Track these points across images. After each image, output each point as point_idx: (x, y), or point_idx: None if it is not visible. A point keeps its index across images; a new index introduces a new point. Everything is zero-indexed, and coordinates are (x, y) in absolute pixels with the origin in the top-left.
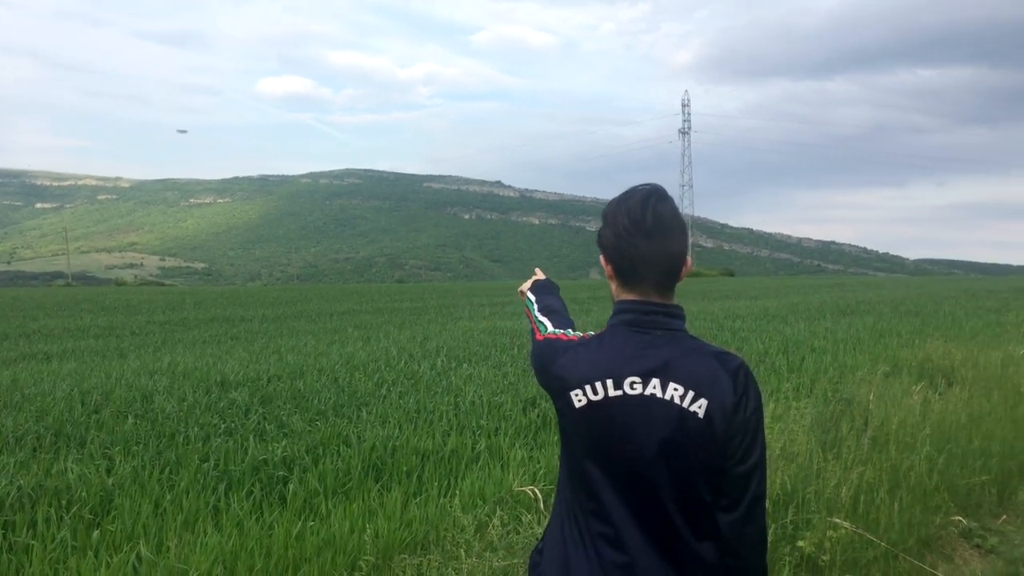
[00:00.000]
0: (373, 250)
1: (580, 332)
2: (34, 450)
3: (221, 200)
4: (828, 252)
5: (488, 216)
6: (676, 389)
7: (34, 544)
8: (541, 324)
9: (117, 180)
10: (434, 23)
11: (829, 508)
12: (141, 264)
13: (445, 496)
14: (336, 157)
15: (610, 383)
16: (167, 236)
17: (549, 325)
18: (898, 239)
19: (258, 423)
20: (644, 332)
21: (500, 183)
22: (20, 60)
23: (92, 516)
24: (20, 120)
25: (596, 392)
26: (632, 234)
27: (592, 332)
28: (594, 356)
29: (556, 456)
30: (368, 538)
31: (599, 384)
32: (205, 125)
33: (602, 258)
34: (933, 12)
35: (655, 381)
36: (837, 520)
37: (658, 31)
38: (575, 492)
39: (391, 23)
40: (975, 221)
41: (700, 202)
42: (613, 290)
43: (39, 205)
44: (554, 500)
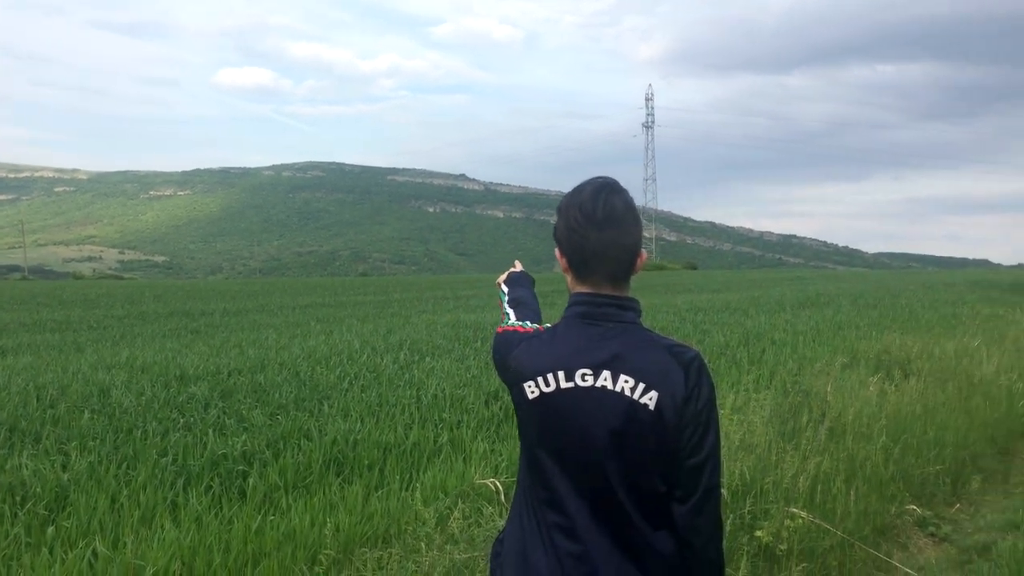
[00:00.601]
0: (337, 243)
1: (544, 324)
2: None
3: (182, 192)
4: (789, 246)
5: (453, 209)
6: (627, 381)
7: None
8: (506, 316)
9: (75, 172)
10: (396, 15)
11: (787, 498)
12: (100, 257)
13: (407, 489)
14: (299, 149)
15: (562, 375)
16: (126, 229)
17: (512, 317)
18: (858, 233)
19: (218, 417)
20: (596, 324)
21: (465, 176)
22: None
23: (47, 512)
24: None
25: (548, 384)
26: (583, 226)
27: (549, 325)
28: (547, 348)
29: (518, 448)
30: (328, 532)
31: (551, 376)
32: (164, 116)
33: (557, 251)
34: (891, 8)
35: (606, 373)
36: (794, 510)
37: (621, 24)
38: (532, 482)
39: (352, 15)
40: (932, 215)
41: (664, 196)
42: (569, 283)
43: None
44: (515, 490)
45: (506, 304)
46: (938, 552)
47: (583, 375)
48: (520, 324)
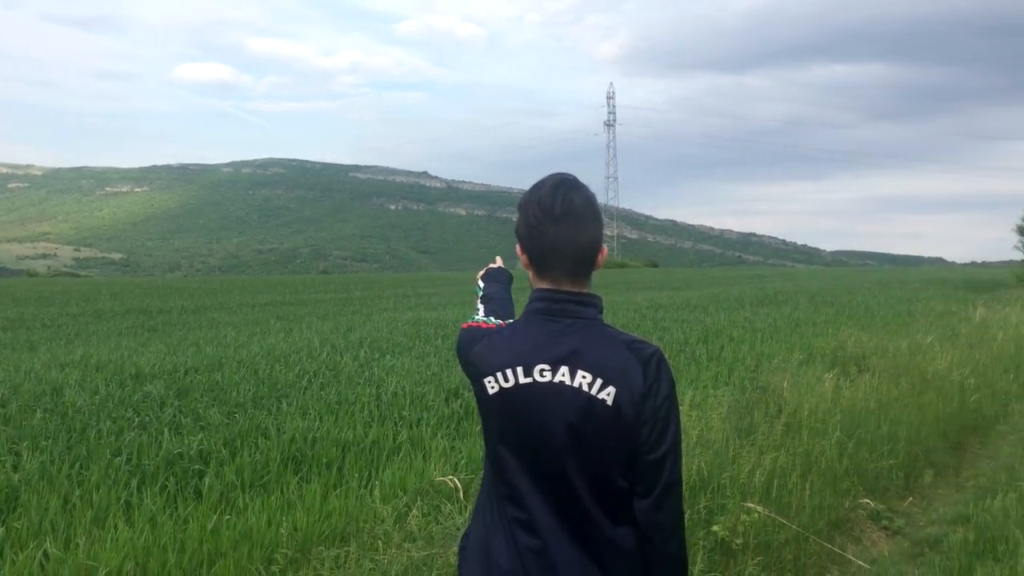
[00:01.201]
0: (297, 241)
1: (509, 321)
2: None
3: (139, 189)
4: (749, 244)
5: (415, 207)
6: (584, 377)
7: None
8: (475, 311)
9: (28, 168)
10: (358, 11)
11: (743, 493)
12: (55, 255)
13: (365, 487)
14: (259, 146)
15: (520, 371)
16: (82, 226)
17: (480, 313)
18: (816, 231)
19: (174, 416)
20: (555, 320)
21: (427, 174)
22: None
23: None
24: None
25: (507, 379)
26: (542, 223)
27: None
28: (507, 344)
29: (478, 446)
30: (285, 531)
31: (509, 372)
32: (121, 112)
33: (518, 247)
34: (846, 9)
35: (564, 369)
36: (751, 504)
37: (584, 23)
38: (494, 477)
39: (313, 10)
40: (888, 214)
41: (625, 194)
42: (530, 279)
43: None
44: (481, 485)
45: (479, 299)
46: (891, 545)
47: (541, 371)
48: (484, 320)
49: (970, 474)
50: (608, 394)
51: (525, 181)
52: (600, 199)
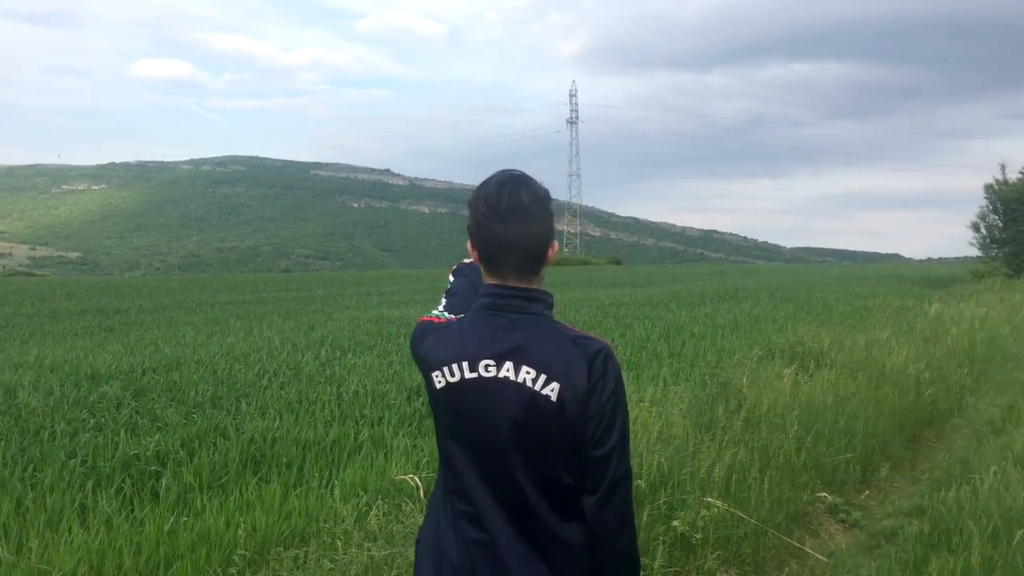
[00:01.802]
0: (258, 239)
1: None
2: None
3: (96, 187)
4: (710, 241)
5: (377, 205)
6: (528, 372)
7: None
8: (438, 305)
9: None
10: (318, 8)
11: (703, 488)
12: (9, 254)
13: (326, 487)
14: (218, 143)
15: (466, 365)
16: (37, 224)
17: (439, 307)
18: (776, 228)
19: (130, 417)
20: (501, 316)
21: (389, 171)
22: None
23: None
24: None
25: (453, 374)
26: (489, 219)
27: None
28: (454, 339)
29: None
30: (244, 532)
31: (455, 366)
32: (77, 109)
33: (469, 244)
34: (802, 9)
35: (508, 364)
36: (710, 499)
37: (544, 21)
38: (443, 471)
39: (273, 7)
40: (846, 211)
41: (588, 191)
42: (482, 275)
43: None
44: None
45: (444, 293)
46: (848, 538)
47: (486, 366)
48: (438, 314)
49: (925, 467)
50: (552, 390)
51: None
52: (563, 197)
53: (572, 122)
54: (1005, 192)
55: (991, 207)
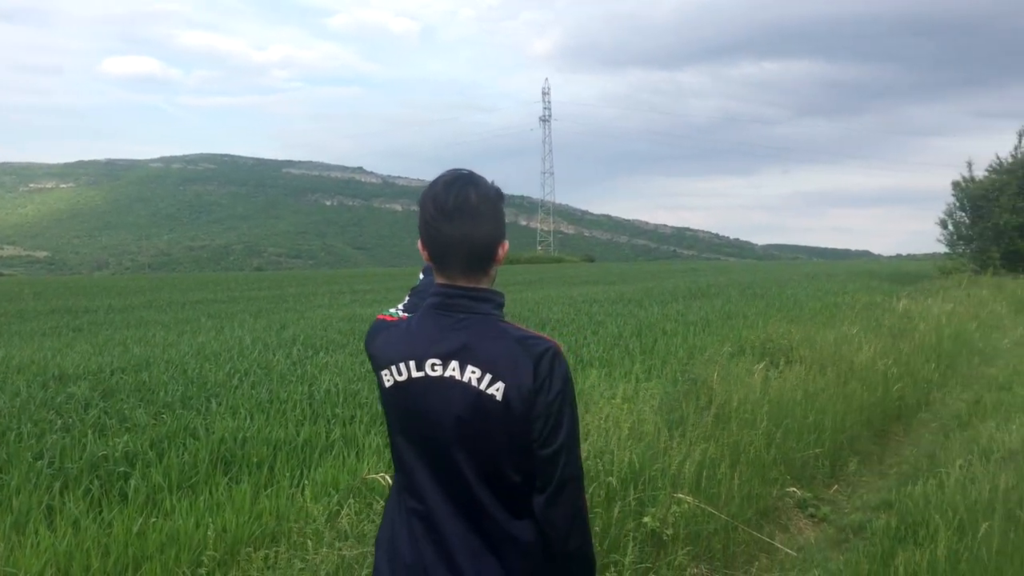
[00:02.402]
0: (230, 238)
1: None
2: None
3: (64, 185)
4: (683, 238)
5: (350, 203)
6: (474, 372)
7: None
8: (399, 303)
9: None
10: (290, 4)
11: (674, 484)
12: None
13: (297, 487)
14: (189, 141)
15: (412, 364)
16: (4, 223)
17: (400, 305)
18: (748, 225)
19: (98, 418)
20: (448, 315)
21: (362, 169)
22: None
23: None
24: None
25: (401, 373)
26: (436, 219)
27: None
28: (403, 338)
29: None
30: (213, 532)
31: (403, 365)
32: (45, 106)
33: (419, 244)
34: (773, 8)
35: (454, 363)
36: (681, 495)
37: (517, 19)
38: (396, 468)
39: (245, 3)
40: (817, 208)
41: (562, 189)
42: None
43: None
44: None
45: (408, 292)
46: (817, 532)
47: (432, 365)
48: (393, 312)
49: (893, 461)
50: (497, 389)
51: None
52: (536, 195)
53: (545, 120)
54: (972, 189)
55: (958, 204)
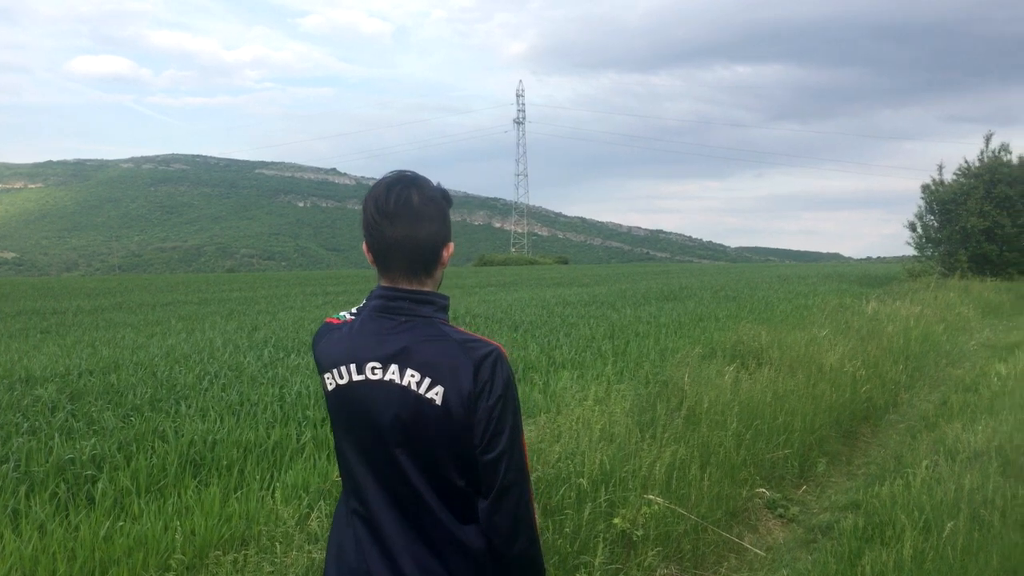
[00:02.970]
0: (202, 238)
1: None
2: None
3: (33, 185)
4: (656, 241)
5: (323, 204)
6: (413, 375)
7: None
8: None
9: None
10: (262, 4)
11: (644, 485)
12: None
13: (267, 489)
14: (160, 141)
15: (353, 368)
16: None
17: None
18: (721, 228)
19: (66, 420)
20: (390, 318)
21: (335, 170)
22: None
23: None
24: None
25: (342, 376)
26: (378, 221)
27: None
28: (345, 341)
29: None
30: (181, 536)
31: (344, 368)
32: (13, 106)
33: (364, 246)
34: (744, 11)
35: (394, 367)
36: (651, 496)
37: (491, 21)
38: (341, 471)
39: (215, 3)
40: (789, 211)
41: (536, 191)
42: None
43: None
44: None
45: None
46: (786, 532)
47: (373, 368)
48: (341, 316)
49: (861, 462)
50: (436, 393)
51: (438, 178)
52: (510, 197)
53: (519, 122)
54: (941, 193)
55: (927, 207)
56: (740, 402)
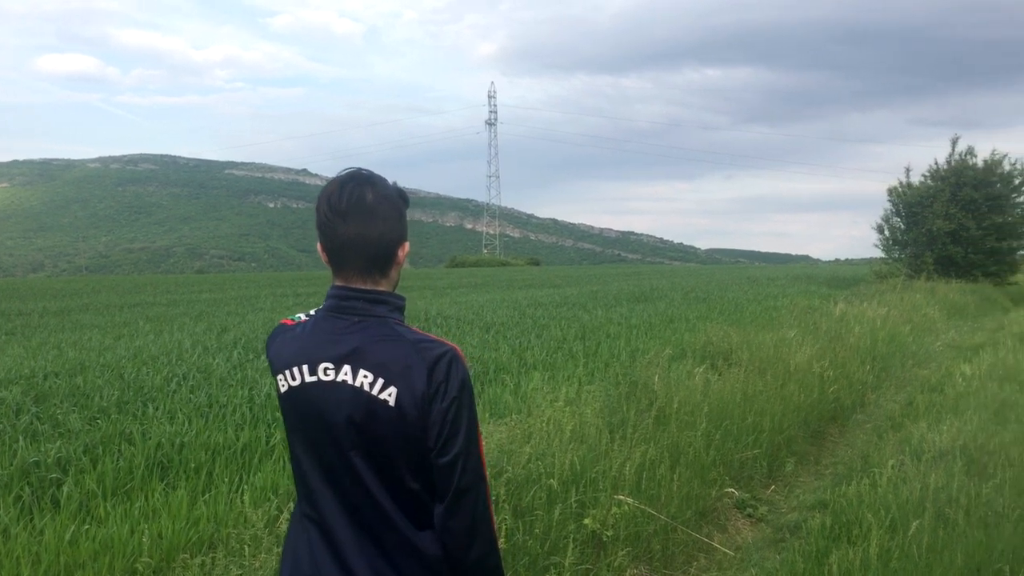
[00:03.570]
0: (171, 239)
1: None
2: None
3: None
4: (628, 242)
5: (294, 205)
6: (366, 376)
7: None
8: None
9: None
10: (232, 4)
11: (614, 485)
12: None
13: (236, 492)
14: (128, 141)
15: (306, 369)
16: None
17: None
18: (692, 230)
19: (30, 423)
20: (343, 318)
21: (307, 171)
22: None
23: None
24: None
25: (294, 378)
26: (331, 219)
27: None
28: (297, 342)
29: None
30: (148, 539)
31: (296, 370)
32: None
33: (318, 246)
34: (713, 15)
35: (346, 368)
36: (621, 497)
37: (462, 22)
38: (294, 475)
39: (184, 2)
40: (759, 214)
41: (507, 192)
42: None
43: None
44: None
45: None
46: (754, 532)
47: (325, 369)
48: (296, 318)
49: (828, 461)
50: (390, 394)
51: (410, 179)
52: (482, 198)
53: (491, 123)
54: (908, 196)
55: (894, 210)
56: (710, 402)
